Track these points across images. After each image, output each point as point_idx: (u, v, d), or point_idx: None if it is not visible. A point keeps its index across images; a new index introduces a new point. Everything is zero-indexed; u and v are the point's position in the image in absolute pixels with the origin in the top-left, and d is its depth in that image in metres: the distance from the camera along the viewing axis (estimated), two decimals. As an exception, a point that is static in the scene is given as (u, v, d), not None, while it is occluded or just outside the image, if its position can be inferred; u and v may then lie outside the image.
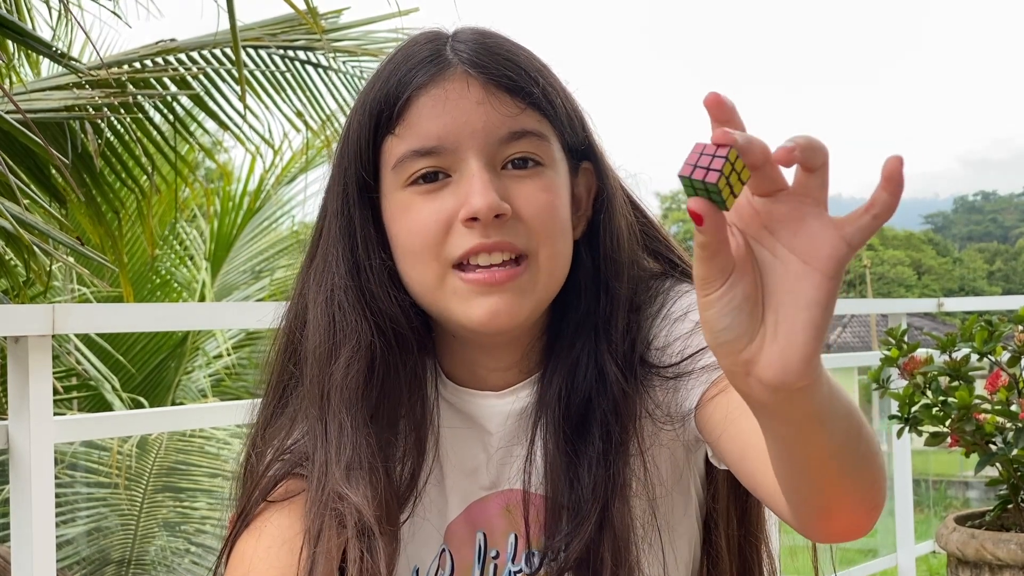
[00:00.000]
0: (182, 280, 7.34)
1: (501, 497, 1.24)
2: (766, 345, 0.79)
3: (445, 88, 1.14)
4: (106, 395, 5.06)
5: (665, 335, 1.19)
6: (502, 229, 1.13)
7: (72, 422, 2.61)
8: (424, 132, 1.14)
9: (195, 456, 5.72)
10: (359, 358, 1.17)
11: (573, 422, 1.18)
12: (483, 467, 1.24)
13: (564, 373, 1.19)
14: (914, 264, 50.61)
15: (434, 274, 1.14)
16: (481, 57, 1.16)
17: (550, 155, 1.17)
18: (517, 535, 1.22)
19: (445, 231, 1.13)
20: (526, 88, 1.16)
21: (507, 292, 1.13)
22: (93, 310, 2.97)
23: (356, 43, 4.67)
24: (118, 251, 4.09)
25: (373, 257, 1.18)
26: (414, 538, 1.23)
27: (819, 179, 0.77)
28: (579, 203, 1.23)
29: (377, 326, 1.17)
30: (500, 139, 1.14)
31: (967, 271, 53.45)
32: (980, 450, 2.03)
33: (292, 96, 4.57)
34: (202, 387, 6.84)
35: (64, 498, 5.40)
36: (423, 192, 1.14)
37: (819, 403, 0.83)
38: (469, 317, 1.14)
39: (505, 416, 1.23)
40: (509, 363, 1.23)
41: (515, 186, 1.15)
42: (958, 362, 2.05)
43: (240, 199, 7.57)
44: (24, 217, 2.89)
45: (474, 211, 1.11)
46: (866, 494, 0.93)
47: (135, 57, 4.16)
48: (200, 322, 4.35)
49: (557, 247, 1.16)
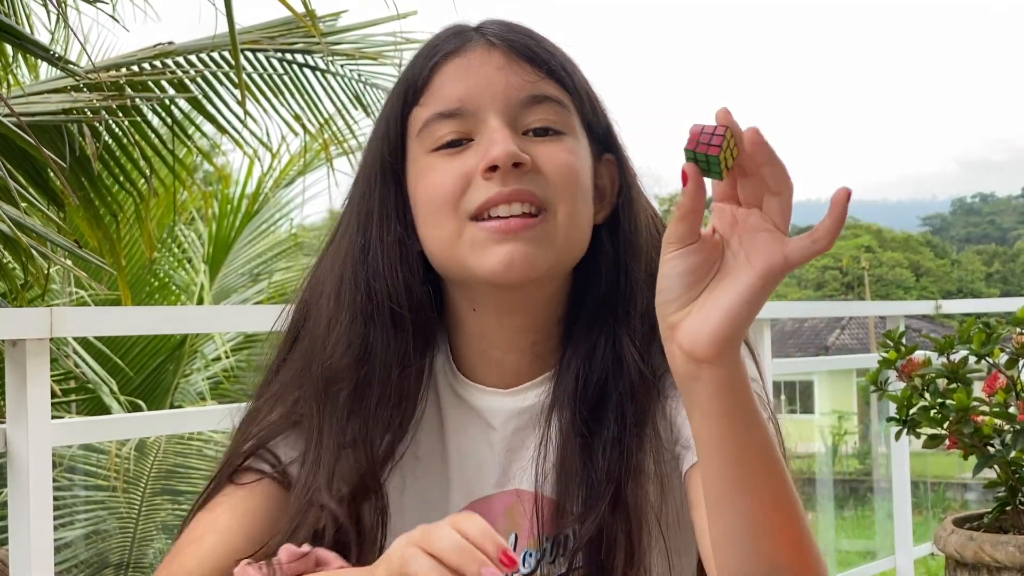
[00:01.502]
0: (180, 283, 7.33)
1: (505, 497, 1.24)
2: (689, 317, 0.92)
3: (467, 56, 1.18)
4: (104, 398, 5.05)
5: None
6: (521, 179, 1.14)
7: (70, 425, 2.61)
8: (447, 95, 1.17)
9: (193, 459, 5.72)
10: (350, 337, 1.19)
11: (589, 404, 1.18)
12: (488, 464, 1.24)
13: (581, 356, 1.20)
14: (912, 266, 50.62)
15: (452, 228, 1.16)
16: (502, 30, 1.20)
17: (570, 125, 1.19)
18: (517, 535, 1.22)
19: (464, 185, 1.15)
20: (545, 58, 1.19)
21: (523, 240, 1.14)
22: (91, 313, 2.97)
23: (354, 46, 4.67)
24: (116, 254, 4.09)
25: (386, 232, 1.20)
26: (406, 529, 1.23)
27: (780, 206, 0.91)
28: (602, 193, 1.24)
29: (375, 305, 1.19)
30: (521, 102, 1.17)
31: (965, 273, 53.48)
32: (978, 452, 2.03)
33: (290, 99, 4.56)
34: (200, 390, 6.84)
35: (62, 501, 5.40)
36: (446, 155, 1.17)
37: (727, 393, 0.93)
38: (484, 266, 1.14)
39: (511, 414, 1.23)
40: (522, 347, 1.23)
41: (536, 147, 1.17)
42: (956, 364, 2.05)
43: (238, 202, 7.56)
44: (22, 220, 2.89)
45: (493, 158, 1.13)
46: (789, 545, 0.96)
47: (133, 60, 4.16)
48: (198, 325, 4.35)
49: (577, 207, 1.17)
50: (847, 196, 0.89)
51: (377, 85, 4.77)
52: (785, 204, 0.91)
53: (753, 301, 0.91)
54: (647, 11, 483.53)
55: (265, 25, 4.49)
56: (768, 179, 0.91)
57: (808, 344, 31.34)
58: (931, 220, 77.26)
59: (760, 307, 0.92)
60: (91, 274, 4.75)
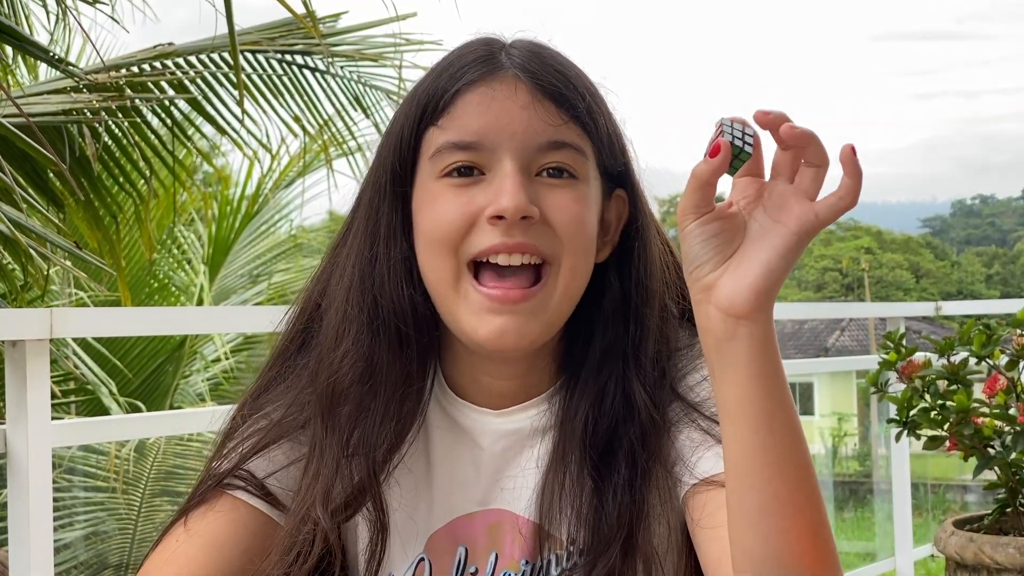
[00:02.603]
0: (180, 284, 7.33)
1: (488, 515, 1.23)
2: (725, 275, 0.97)
3: (493, 87, 1.15)
4: (104, 399, 5.06)
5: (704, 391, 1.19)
6: (527, 232, 1.13)
7: (70, 426, 2.61)
8: (466, 126, 1.15)
9: (193, 460, 5.71)
10: (357, 352, 1.17)
11: (599, 450, 1.17)
12: (472, 483, 1.23)
13: (590, 400, 1.18)
14: (912, 267, 50.61)
15: (451, 270, 1.14)
16: (533, 64, 1.17)
17: (585, 171, 1.17)
18: (498, 554, 1.21)
19: (469, 226, 1.14)
20: (572, 101, 1.16)
21: (518, 314, 1.13)
22: (91, 314, 2.97)
23: (354, 48, 4.67)
24: (116, 255, 4.09)
25: (393, 248, 1.18)
26: (390, 547, 1.22)
27: (816, 176, 0.97)
28: (608, 228, 1.22)
29: (382, 322, 1.18)
30: (539, 146, 1.14)
31: (965, 274, 53.47)
32: (978, 454, 2.03)
33: (290, 100, 4.56)
34: (200, 391, 6.84)
35: (62, 502, 5.39)
36: (455, 185, 1.15)
37: (762, 351, 0.97)
38: (476, 332, 1.13)
39: (500, 435, 1.23)
40: (511, 375, 1.22)
41: (547, 193, 1.15)
42: (956, 366, 2.05)
43: (238, 203, 7.56)
44: (21, 221, 2.88)
45: (501, 209, 1.11)
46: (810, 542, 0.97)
47: (133, 61, 4.16)
48: (198, 326, 4.35)
49: (579, 261, 1.16)
50: (853, 150, 0.94)
51: (377, 87, 4.78)
52: (821, 175, 0.96)
53: (789, 256, 0.95)
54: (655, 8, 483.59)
55: (265, 26, 4.49)
56: (810, 155, 0.96)
57: (808, 345, 31.35)
58: (931, 222, 77.28)
59: (793, 264, 0.96)
60: (91, 275, 4.75)
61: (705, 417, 1.16)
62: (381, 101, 4.81)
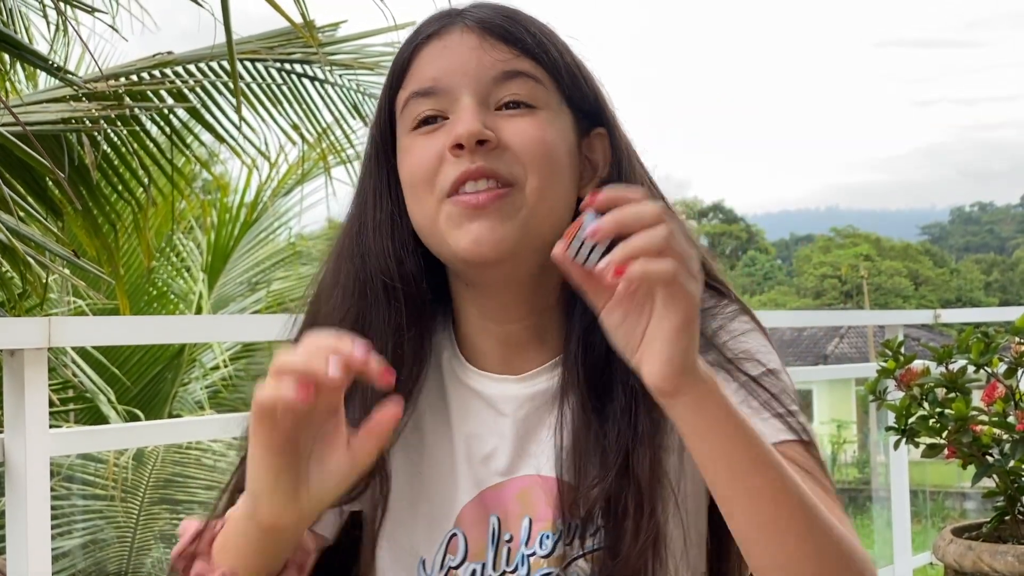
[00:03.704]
0: (178, 292, 7.33)
1: (517, 482, 1.23)
2: (643, 358, 0.98)
3: (444, 39, 1.21)
4: (102, 407, 5.05)
5: (739, 343, 1.21)
6: (487, 156, 1.16)
7: (68, 435, 2.61)
8: (423, 76, 1.20)
9: (191, 468, 5.71)
10: (344, 307, 1.22)
11: (595, 381, 1.19)
12: (499, 453, 1.24)
13: (581, 333, 1.20)
14: (911, 275, 50.63)
15: (432, 206, 1.18)
16: (480, 11, 1.23)
17: (545, 100, 1.20)
18: (531, 519, 1.22)
19: (438, 163, 1.18)
20: (519, 36, 1.21)
21: (490, 216, 1.15)
22: (89, 323, 2.97)
23: (352, 56, 4.68)
24: (114, 263, 4.09)
25: (378, 210, 1.23)
26: (415, 529, 1.24)
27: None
28: (595, 166, 1.25)
29: (368, 277, 1.22)
30: (492, 79, 1.19)
31: (964, 282, 53.49)
32: (977, 462, 2.02)
33: (288, 109, 4.57)
34: (199, 399, 6.83)
35: (60, 510, 5.39)
36: (423, 134, 1.20)
37: (702, 412, 0.99)
38: (458, 244, 1.16)
39: (523, 400, 1.24)
40: (519, 316, 1.23)
41: (505, 123, 1.18)
42: (955, 374, 2.05)
43: (237, 211, 7.56)
44: (20, 229, 2.89)
45: (456, 136, 1.16)
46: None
47: (132, 70, 4.17)
48: (196, 335, 4.35)
49: (545, 183, 1.18)
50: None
51: (375, 95, 4.77)
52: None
53: (690, 327, 0.96)
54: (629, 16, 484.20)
55: (263, 35, 4.50)
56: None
57: (807, 353, 31.34)
58: (930, 229, 77.34)
59: (694, 332, 0.96)
60: (89, 283, 4.75)
61: (729, 362, 1.19)
62: (380, 109, 4.81)
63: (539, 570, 1.20)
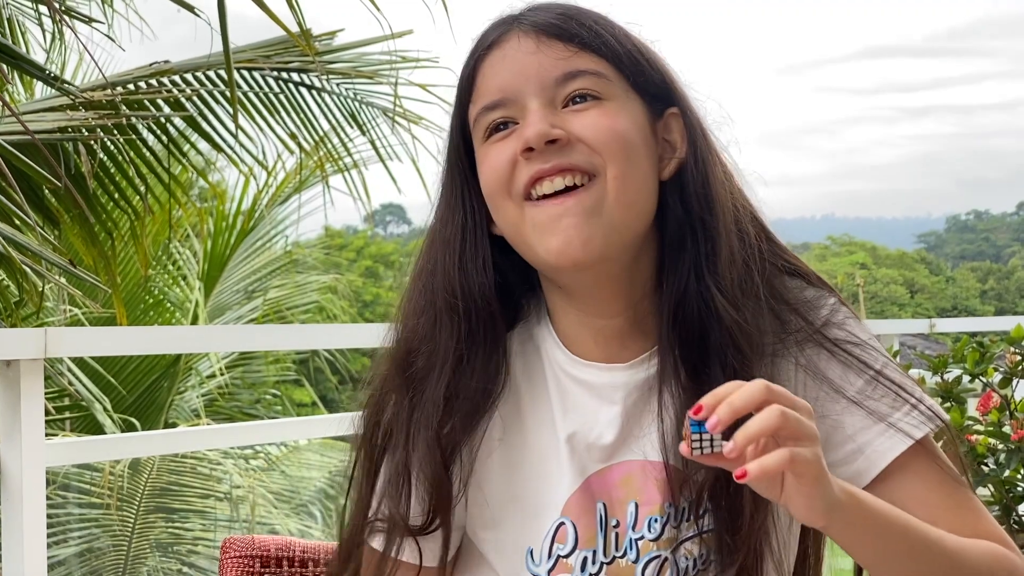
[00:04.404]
0: (175, 300, 7.33)
1: (622, 467, 1.25)
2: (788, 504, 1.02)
3: (503, 48, 1.23)
4: (98, 416, 5.05)
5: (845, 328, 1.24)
6: (560, 153, 1.18)
7: (64, 445, 2.61)
8: (489, 89, 1.23)
9: (187, 477, 5.69)
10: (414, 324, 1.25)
11: (692, 364, 1.20)
12: (603, 439, 1.25)
13: (674, 314, 1.21)
14: (907, 283, 50.64)
15: (513, 211, 1.20)
16: (532, 15, 1.24)
17: (611, 91, 1.21)
18: (637, 503, 1.23)
19: (511, 167, 1.20)
20: (575, 31, 1.22)
21: (576, 216, 1.16)
22: (85, 333, 2.97)
23: (350, 65, 4.68)
24: (111, 272, 4.08)
25: (450, 224, 1.25)
26: (521, 522, 1.25)
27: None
28: (674, 146, 1.25)
29: (434, 296, 1.24)
30: (555, 80, 1.20)
31: (960, 290, 53.50)
32: (972, 471, 2.03)
33: (286, 117, 4.57)
34: (195, 407, 6.82)
35: (56, 519, 5.37)
36: (496, 141, 1.22)
37: (850, 532, 1.05)
38: (548, 251, 1.18)
39: (631, 388, 1.25)
40: (618, 311, 1.24)
41: (574, 118, 1.20)
42: (950, 383, 2.05)
43: (234, 219, 7.56)
44: (16, 238, 2.89)
45: (525, 140, 1.18)
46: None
47: (129, 79, 4.17)
48: (192, 345, 4.35)
49: (625, 169, 1.19)
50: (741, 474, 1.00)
51: (373, 104, 4.78)
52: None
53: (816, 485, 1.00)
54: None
55: (261, 44, 4.50)
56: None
57: (803, 361, 31.26)
58: (926, 237, 77.36)
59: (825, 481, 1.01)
60: (86, 292, 4.75)
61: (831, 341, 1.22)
62: (377, 118, 4.82)
63: (648, 553, 1.22)
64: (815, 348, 1.23)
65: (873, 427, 1.20)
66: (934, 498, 1.19)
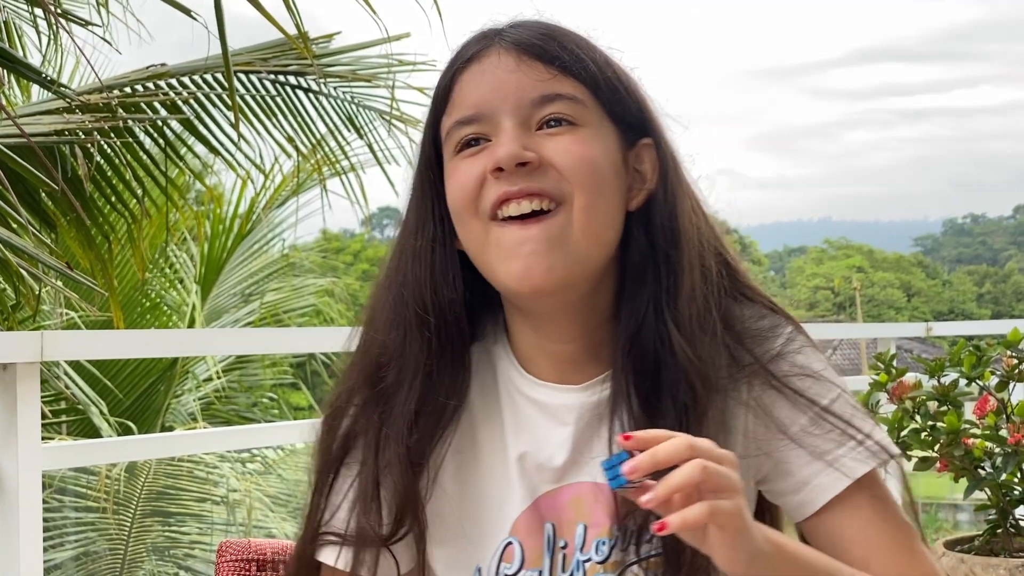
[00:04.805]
0: (172, 303, 7.32)
1: (570, 490, 1.25)
2: (709, 550, 1.03)
3: (483, 63, 1.22)
4: (94, 419, 5.04)
5: (797, 362, 1.23)
6: (529, 177, 1.17)
7: (60, 449, 2.61)
8: (465, 103, 1.21)
9: (184, 480, 5.69)
10: (382, 335, 1.24)
11: (644, 394, 1.19)
12: (554, 460, 1.25)
13: (630, 347, 1.21)
14: (904, 286, 50.68)
15: (478, 229, 1.19)
16: (516, 32, 1.23)
17: (587, 118, 1.20)
18: (586, 525, 1.23)
19: (479, 185, 1.19)
20: (557, 54, 1.20)
21: (540, 242, 1.15)
22: (82, 337, 2.96)
23: (347, 68, 4.68)
24: (108, 275, 4.08)
25: (420, 237, 1.24)
26: (470, 539, 1.25)
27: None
28: (644, 177, 1.24)
29: (403, 308, 1.23)
30: (532, 102, 1.19)
31: (956, 293, 53.54)
32: (969, 475, 2.03)
33: (283, 121, 4.57)
34: (192, 411, 6.82)
35: (52, 523, 5.37)
36: (466, 156, 1.21)
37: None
38: (509, 273, 1.17)
39: (584, 409, 1.24)
40: (571, 335, 1.23)
41: (547, 141, 1.19)
42: (946, 387, 2.05)
43: (230, 222, 7.56)
44: (13, 241, 2.88)
45: (496, 160, 1.17)
46: None
47: (126, 82, 4.17)
48: (189, 349, 4.34)
49: (592, 199, 1.18)
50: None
51: (370, 107, 4.79)
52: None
53: (738, 536, 1.02)
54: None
55: (258, 47, 4.50)
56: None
57: (800, 364, 31.26)
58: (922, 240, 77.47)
59: (747, 532, 1.03)
60: (82, 295, 4.74)
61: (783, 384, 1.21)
62: (374, 121, 4.82)
63: (595, 575, 1.22)
64: (763, 384, 1.22)
65: (814, 463, 1.20)
66: (872, 536, 1.20)
